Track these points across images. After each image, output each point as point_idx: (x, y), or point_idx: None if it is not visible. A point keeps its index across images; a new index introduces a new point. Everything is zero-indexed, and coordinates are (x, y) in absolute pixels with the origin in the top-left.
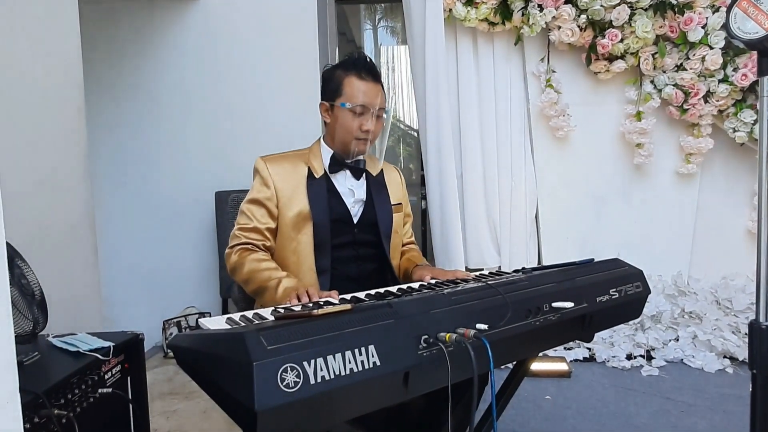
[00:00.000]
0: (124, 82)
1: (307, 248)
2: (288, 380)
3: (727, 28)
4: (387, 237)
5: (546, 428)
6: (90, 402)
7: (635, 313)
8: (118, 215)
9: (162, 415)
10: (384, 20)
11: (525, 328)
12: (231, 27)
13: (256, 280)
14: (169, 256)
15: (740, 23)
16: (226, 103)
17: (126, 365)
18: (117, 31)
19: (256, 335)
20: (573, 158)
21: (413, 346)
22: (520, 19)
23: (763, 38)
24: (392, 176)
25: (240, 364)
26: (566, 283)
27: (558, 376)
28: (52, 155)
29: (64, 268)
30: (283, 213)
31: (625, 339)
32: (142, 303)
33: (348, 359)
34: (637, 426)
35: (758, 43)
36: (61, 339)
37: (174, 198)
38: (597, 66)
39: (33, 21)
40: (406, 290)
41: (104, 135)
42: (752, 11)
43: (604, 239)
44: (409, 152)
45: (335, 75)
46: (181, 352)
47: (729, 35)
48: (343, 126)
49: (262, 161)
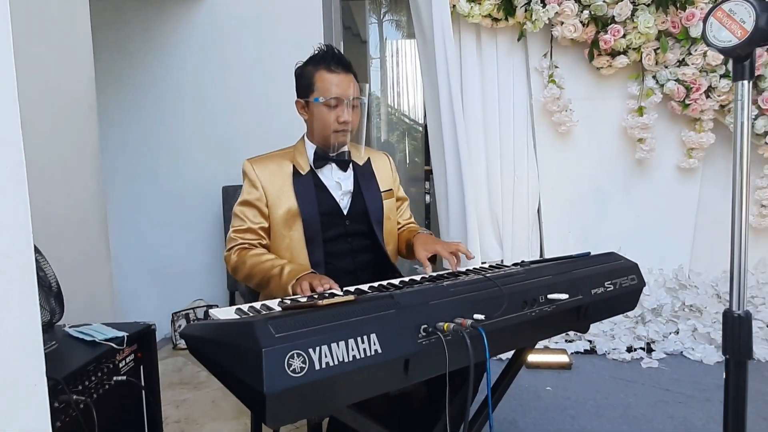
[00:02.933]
0: (134, 79)
1: (299, 244)
2: (294, 366)
3: (704, 36)
4: (379, 224)
5: (545, 418)
6: (106, 389)
7: (630, 305)
8: (128, 210)
9: (172, 404)
10: (390, 14)
11: (521, 319)
12: (237, 24)
13: (259, 273)
14: (178, 250)
15: (715, 32)
16: (233, 99)
17: (139, 354)
18: (127, 30)
19: (265, 324)
20: (575, 153)
21: (413, 335)
22: (523, 14)
23: (735, 46)
24: (380, 163)
25: (250, 350)
26: (562, 275)
27: (559, 368)
28: (65, 152)
29: (77, 260)
30: (272, 212)
31: (625, 332)
32: (152, 295)
33: (351, 347)
34: (635, 416)
35: (732, 51)
36: (77, 329)
37: (182, 193)
38: (599, 61)
39: (47, 22)
40: (408, 283)
41: (115, 131)
42: (726, 21)
43: (605, 233)
44: (414, 146)
45: (306, 71)
46: (193, 340)
47: (706, 43)
48: (320, 120)
49: (249, 163)
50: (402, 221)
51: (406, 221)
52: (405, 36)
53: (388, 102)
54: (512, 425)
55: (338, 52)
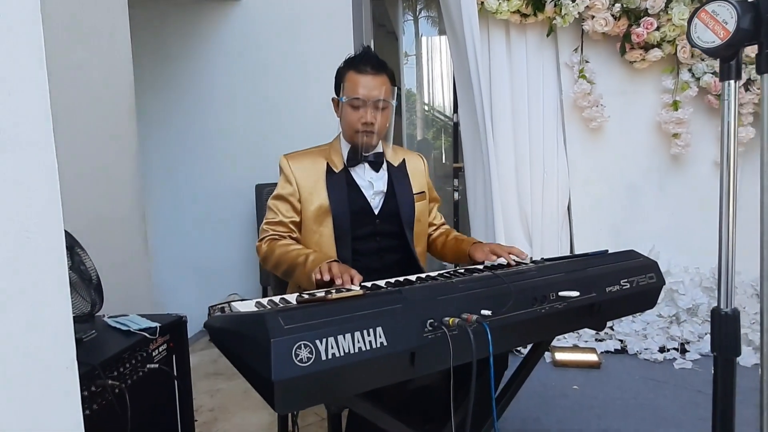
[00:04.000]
0: (171, 81)
1: (328, 240)
2: (302, 356)
3: (688, 36)
4: (409, 226)
5: (570, 416)
6: (139, 376)
7: (649, 303)
8: (168, 208)
9: (207, 393)
10: (425, 10)
11: (530, 315)
12: (270, 26)
13: (286, 261)
14: (214, 247)
15: (700, 33)
16: (265, 100)
17: (171, 344)
18: (165, 34)
19: (275, 316)
20: (607, 149)
21: (419, 329)
22: (553, 9)
23: (719, 47)
24: (415, 164)
25: (260, 340)
26: (575, 273)
27: (587, 367)
28: (106, 153)
29: (117, 255)
30: (305, 207)
31: (658, 332)
32: (190, 290)
33: (357, 339)
34: (664, 417)
35: (716, 52)
36: (115, 319)
37: (217, 191)
38: (632, 55)
39: (88, 29)
40: (423, 279)
41: (152, 132)
42: (710, 22)
43: (638, 231)
44: (450, 143)
45: (340, 71)
46: (215, 331)
47: (690, 44)
48: (346, 120)
49: (285, 159)
50: (436, 222)
51: (440, 223)
52: (439, 32)
53: (423, 99)
54: (536, 422)
55: (372, 54)
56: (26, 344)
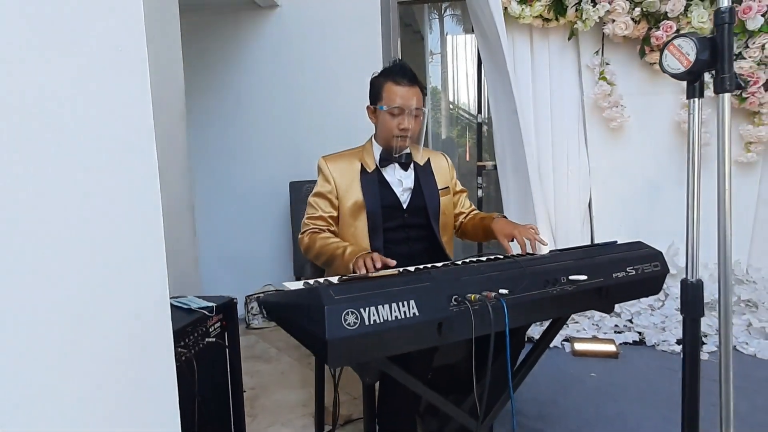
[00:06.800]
0: (212, 85)
1: (362, 232)
2: (349, 321)
3: (660, 63)
4: (435, 218)
5: (587, 400)
6: (200, 347)
7: (654, 289)
8: (208, 205)
9: (247, 374)
10: (450, 8)
11: (543, 295)
12: (304, 32)
13: (326, 252)
14: (250, 240)
15: (669, 61)
16: (299, 102)
17: (224, 323)
18: (207, 41)
19: (327, 289)
20: (627, 148)
21: (445, 303)
22: (574, 14)
23: (683, 73)
24: (439, 163)
25: (316, 307)
26: (585, 260)
27: (605, 357)
28: (162, 155)
29: (171, 246)
30: (342, 203)
31: (677, 324)
32: (228, 280)
33: (393, 309)
34: (678, 402)
35: (682, 76)
36: (177, 300)
37: (254, 188)
38: (652, 57)
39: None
40: (448, 265)
41: (194, 132)
42: (676, 53)
43: (658, 228)
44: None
45: (377, 81)
46: (270, 305)
47: (662, 69)
48: (384, 126)
49: (323, 160)
50: (465, 210)
51: (468, 209)
52: (464, 31)
53: (448, 98)
54: (553, 404)
55: (407, 67)
56: (138, 307)
